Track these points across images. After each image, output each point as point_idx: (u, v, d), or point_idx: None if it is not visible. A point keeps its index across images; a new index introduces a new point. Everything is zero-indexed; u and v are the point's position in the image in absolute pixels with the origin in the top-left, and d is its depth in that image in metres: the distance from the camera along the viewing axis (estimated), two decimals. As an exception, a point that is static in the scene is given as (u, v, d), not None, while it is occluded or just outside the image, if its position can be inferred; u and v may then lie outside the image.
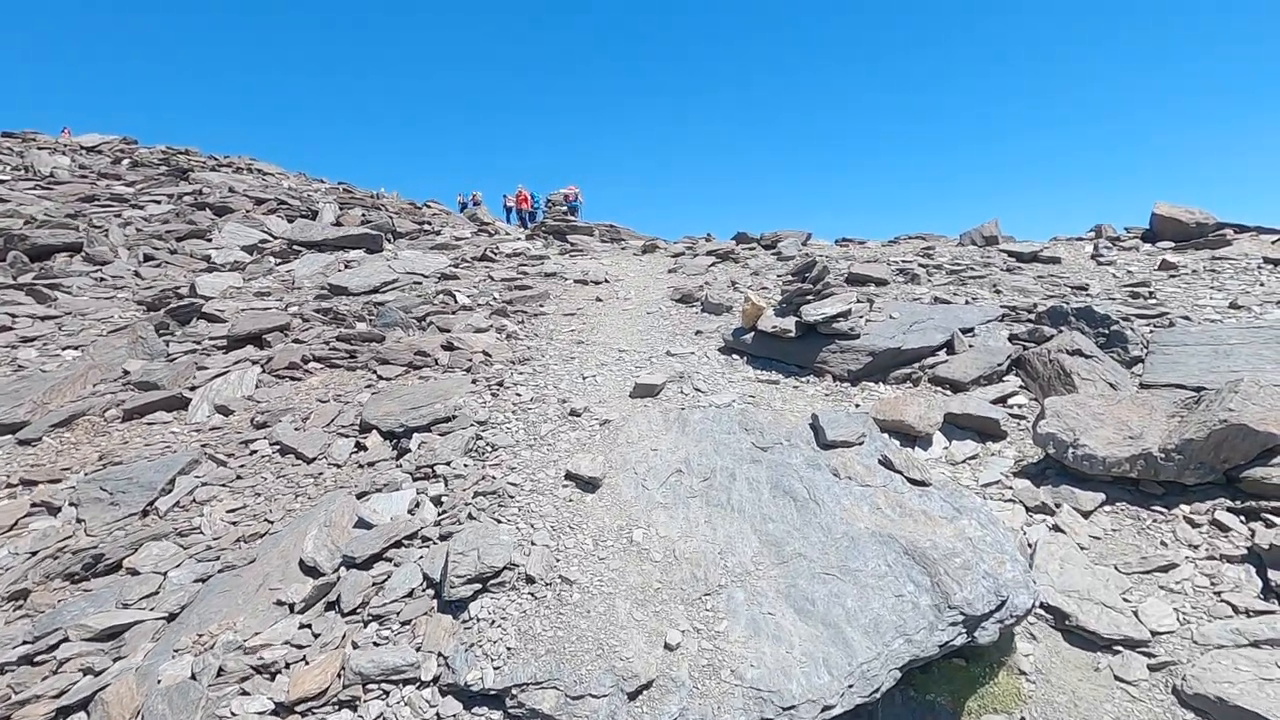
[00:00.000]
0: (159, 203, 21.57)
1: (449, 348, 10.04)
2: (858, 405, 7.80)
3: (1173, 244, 14.57)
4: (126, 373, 10.16)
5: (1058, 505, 5.88)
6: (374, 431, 7.64)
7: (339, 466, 7.18)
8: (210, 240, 18.49)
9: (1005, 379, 8.16)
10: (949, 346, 8.84)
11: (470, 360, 9.56)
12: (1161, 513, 5.70)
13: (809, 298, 9.11)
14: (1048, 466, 6.45)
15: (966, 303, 10.47)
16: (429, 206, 27.80)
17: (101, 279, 15.05)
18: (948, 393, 8.03)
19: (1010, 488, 6.25)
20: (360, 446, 7.46)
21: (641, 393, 7.96)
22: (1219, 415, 5.67)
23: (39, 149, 25.07)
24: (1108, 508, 5.88)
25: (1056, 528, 5.66)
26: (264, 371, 9.68)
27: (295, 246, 16.67)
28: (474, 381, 8.60)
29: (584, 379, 8.63)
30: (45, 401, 9.03)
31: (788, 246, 17.51)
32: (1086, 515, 5.80)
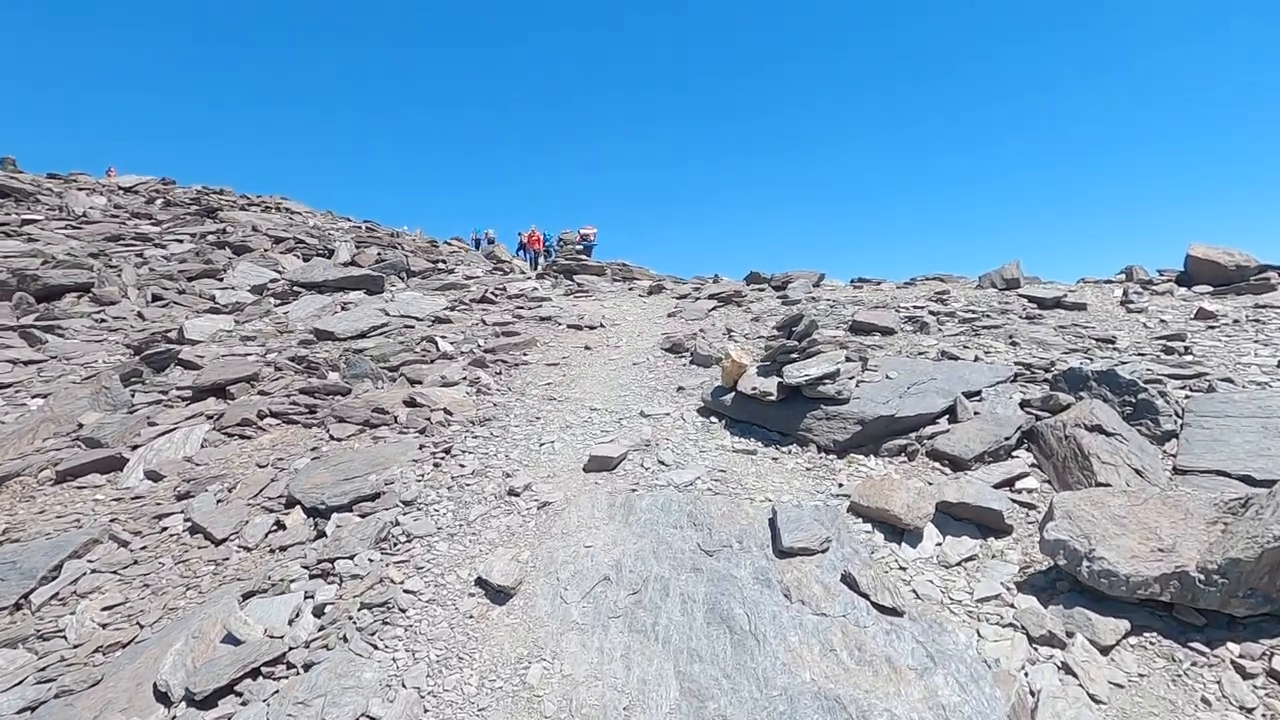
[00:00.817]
0: (181, 242, 21.25)
1: (411, 404, 9.06)
2: (840, 486, 6.55)
3: (1210, 289, 13.00)
4: (80, 426, 9.40)
5: (1069, 635, 4.56)
6: (298, 507, 6.65)
7: (248, 550, 6.18)
8: (222, 280, 17.99)
9: (1014, 455, 6.84)
10: (951, 413, 7.56)
11: (429, 419, 8.56)
12: (1203, 653, 4.36)
13: (793, 355, 7.92)
14: (1059, 577, 5.14)
15: (976, 359, 9.15)
16: (448, 244, 27.23)
17: (102, 320, 14.51)
18: (946, 470, 6.74)
19: (1012, 605, 4.94)
20: (280, 525, 6.46)
21: (596, 466, 6.84)
22: (1273, 529, 4.35)
23: (78, 190, 25.12)
24: (1133, 640, 4.55)
25: (1067, 668, 4.34)
26: (215, 428, 8.81)
27: (296, 287, 16.00)
28: (421, 447, 7.57)
29: (540, 446, 7.54)
30: (-20, 460, 8.26)
31: (797, 289, 16.31)
32: (1105, 651, 4.48)
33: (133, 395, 10.18)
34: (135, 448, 8.36)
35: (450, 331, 12.80)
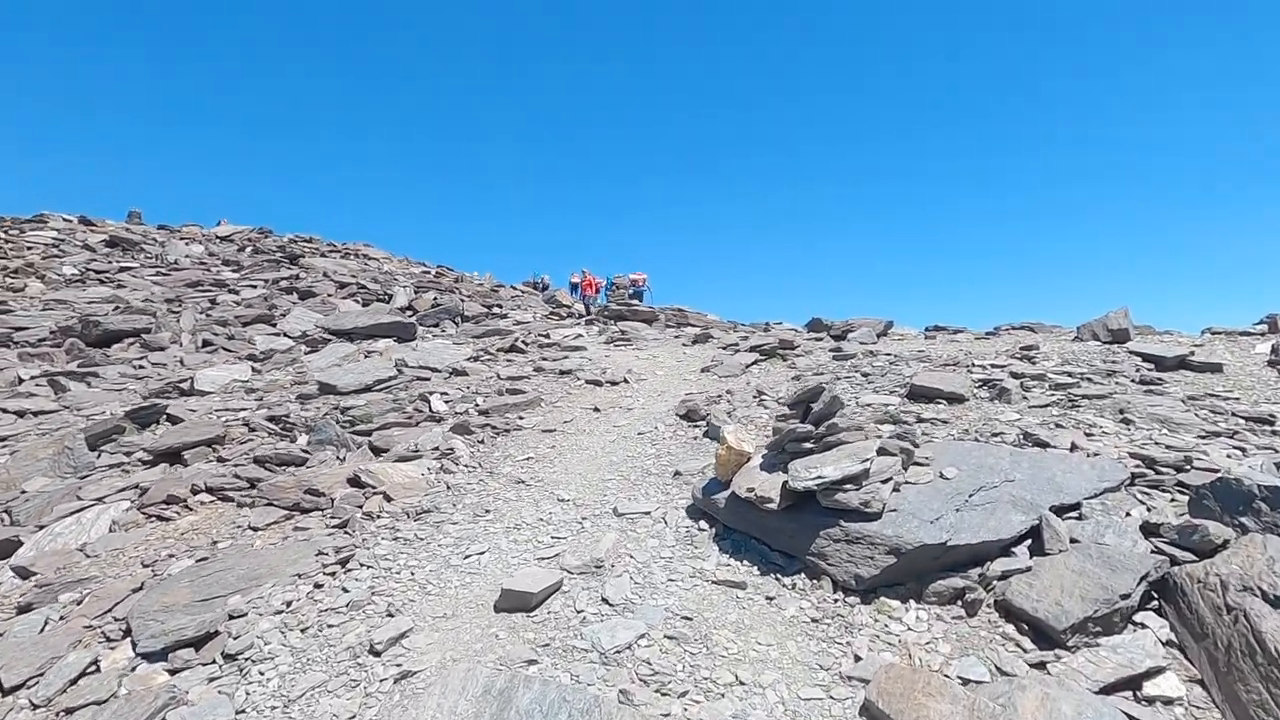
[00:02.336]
0: (255, 287, 20.73)
1: (355, 483, 7.17)
2: (857, 661, 4.09)
3: (1393, 346, 9.56)
4: (24, 493, 8.07)
5: None
6: (127, 640, 4.80)
7: (33, 709, 4.36)
8: (274, 325, 17.06)
9: (1137, 624, 4.18)
10: (1035, 537, 4.94)
11: (360, 507, 6.63)
12: None
13: (806, 445, 5.50)
14: None
15: (1073, 446, 6.38)
16: (512, 288, 25.92)
17: (141, 367, 13.60)
18: (1025, 642, 4.16)
19: None
20: (95, 667, 4.63)
21: (511, 604, 4.64)
22: None
23: (180, 239, 25.42)
24: None
25: None
26: (137, 505, 7.21)
27: (328, 334, 14.72)
28: (320, 553, 5.60)
29: (464, 559, 5.40)
30: None
31: (856, 340, 13.64)
32: None
33: (98, 457, 8.83)
34: (42, 527, 6.86)
35: (456, 387, 10.98)
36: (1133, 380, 8.89)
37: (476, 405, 9.85)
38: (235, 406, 10.48)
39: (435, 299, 20.41)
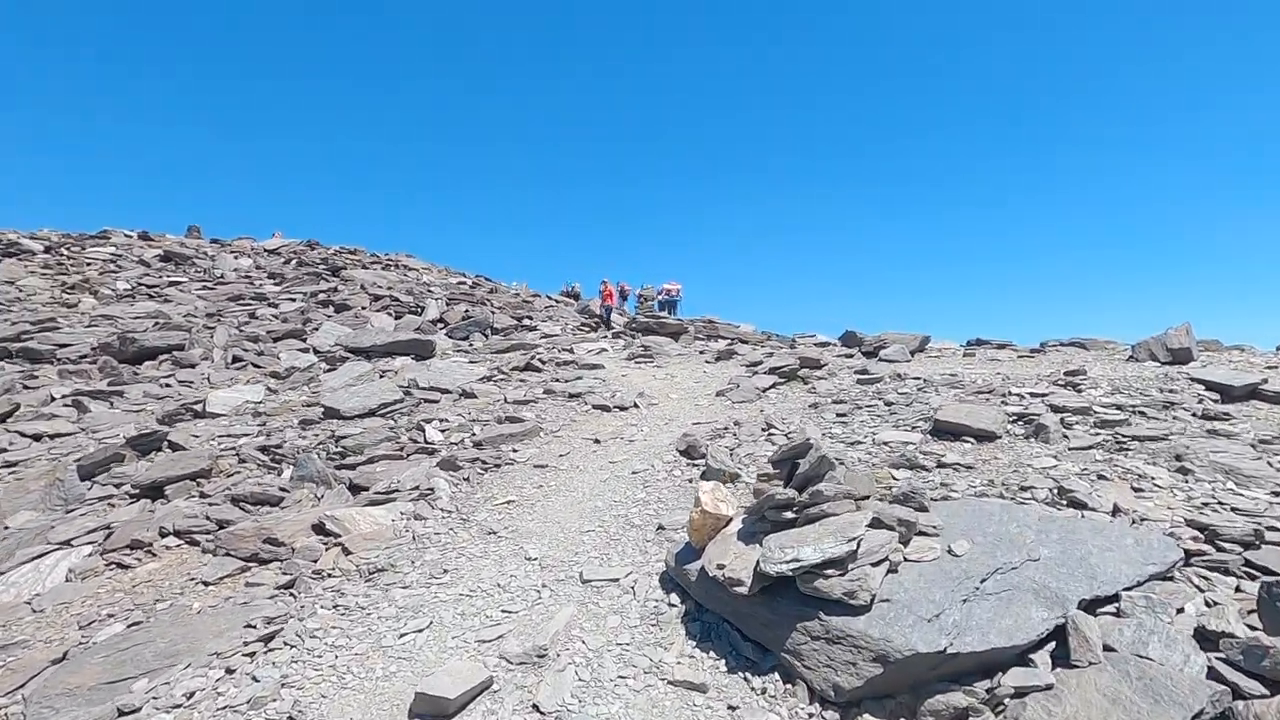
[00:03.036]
0: (293, 300, 20.71)
1: (320, 530, 6.59)
2: (820, 812, 3.25)
3: None
4: (6, 528, 7.81)
5: None
6: (23, 728, 4.29)
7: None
8: (305, 340, 16.88)
9: (1188, 778, 3.22)
10: (1060, 640, 3.97)
11: (316, 559, 6.05)
12: None
13: (787, 514, 4.62)
14: None
15: (1116, 510, 5.31)
16: (548, 298, 25.42)
17: (167, 385, 13.49)
18: (1039, 794, 3.24)
19: None
20: (-18, 761, 4.13)
21: (425, 710, 3.91)
22: None
23: (230, 253, 25.77)
24: None
25: None
26: (100, 550, 6.80)
27: (347, 353, 14.38)
28: (248, 625, 5.01)
29: (400, 638, 4.70)
30: None
31: (888, 356, 12.53)
32: None
33: (90, 488, 8.55)
34: (2, 574, 6.50)
35: (460, 412, 10.39)
36: (1194, 415, 7.65)
37: (473, 435, 9.22)
38: (238, 432, 10.13)
39: (466, 311, 20.01)
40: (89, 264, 22.68)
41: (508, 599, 5.15)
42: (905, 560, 4.47)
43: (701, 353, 15.39)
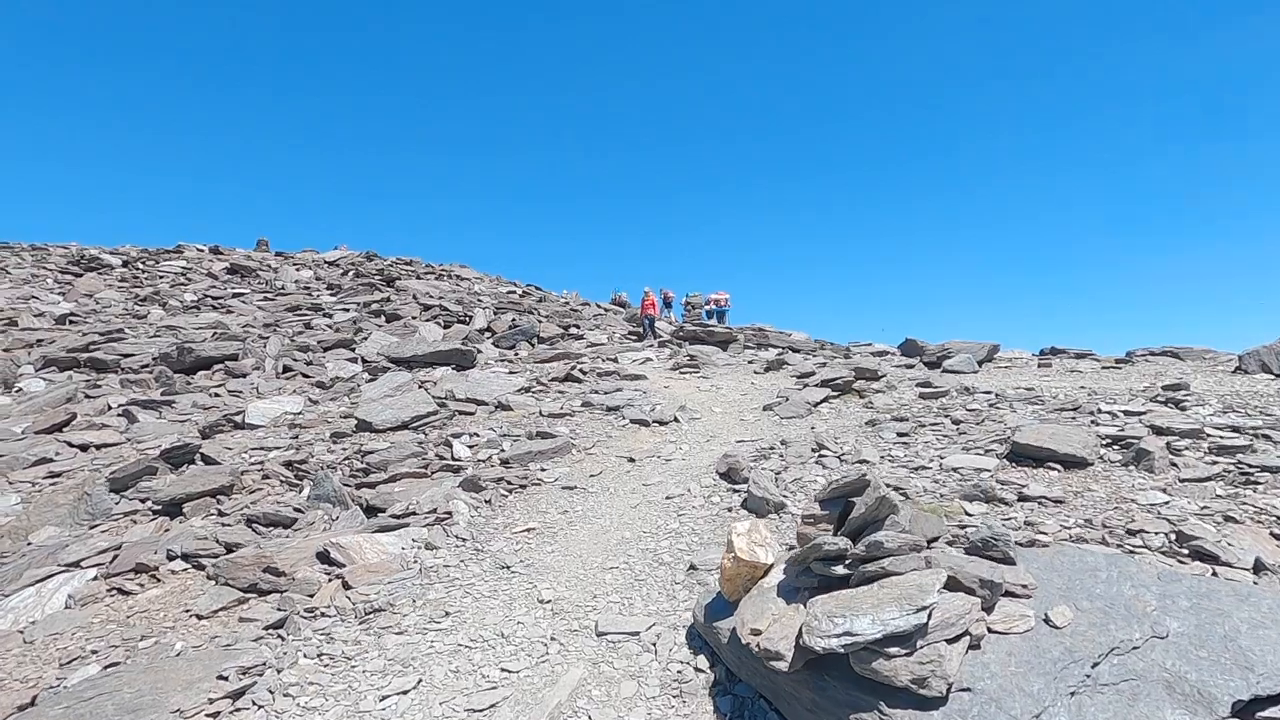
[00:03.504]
0: (347, 310, 20.71)
1: (324, 558, 6.01)
2: None
3: None
4: (29, 544, 7.54)
5: None
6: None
7: None
8: (353, 350, 16.69)
9: None
10: (1207, 755, 2.97)
11: (312, 594, 5.43)
12: None
13: (838, 569, 3.70)
14: None
15: (1257, 567, 4.18)
16: (597, 306, 24.82)
17: (216, 395, 13.40)
18: None
19: None
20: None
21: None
22: None
23: (292, 265, 26.18)
24: None
25: None
26: (103, 574, 6.39)
27: (389, 363, 14.02)
28: (220, 677, 4.39)
29: (381, 701, 3.94)
30: None
31: (954, 367, 11.32)
32: None
33: (117, 502, 8.26)
34: (6, 597, 6.15)
35: (493, 425, 9.76)
36: (1336, 440, 6.31)
37: (502, 451, 8.56)
38: (270, 444, 9.76)
39: (513, 320, 19.59)
40: (161, 277, 23.32)
41: (510, 653, 4.39)
42: (990, 632, 3.49)
43: (750, 362, 14.43)
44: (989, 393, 8.95)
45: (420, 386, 12.44)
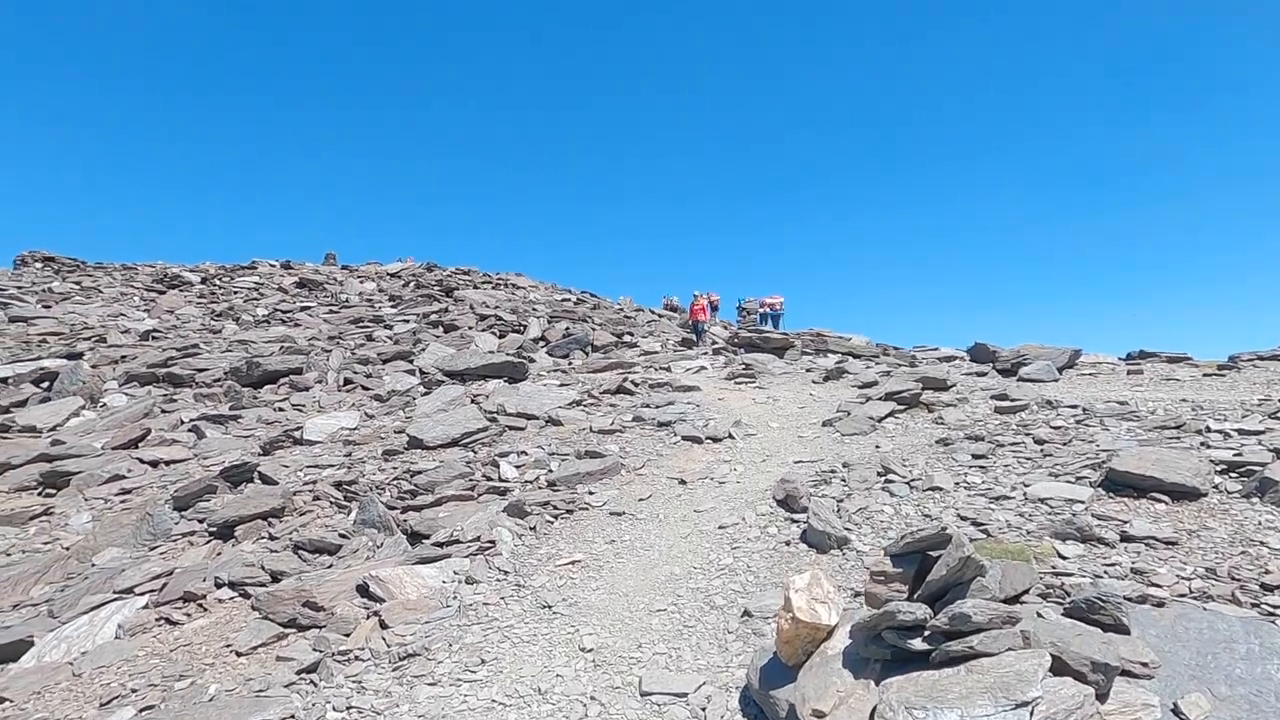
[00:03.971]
0: (406, 322, 20.90)
1: (364, 592, 5.74)
2: None
3: None
4: (93, 565, 7.60)
5: None
6: None
7: None
8: (411, 362, 16.75)
9: None
10: None
11: (348, 633, 5.16)
12: None
13: (915, 643, 3.12)
14: None
15: None
16: (651, 312, 24.40)
17: (280, 409, 13.57)
18: None
19: None
20: None
21: None
22: None
23: (356, 278, 26.72)
24: None
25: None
26: (152, 603, 6.30)
27: (444, 376, 13.92)
28: (249, 728, 4.14)
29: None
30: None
31: (1031, 375, 10.38)
32: None
33: (177, 523, 8.29)
34: (65, 623, 6.13)
35: (542, 443, 9.42)
36: None
37: (549, 471, 8.20)
38: (324, 462, 9.69)
39: (567, 329, 19.36)
40: (235, 293, 24.13)
41: (546, 713, 3.97)
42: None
43: (808, 370, 13.71)
44: (1075, 407, 8.05)
45: (472, 401, 12.26)
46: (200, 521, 8.07)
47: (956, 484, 6.32)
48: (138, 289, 23.82)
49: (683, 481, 7.66)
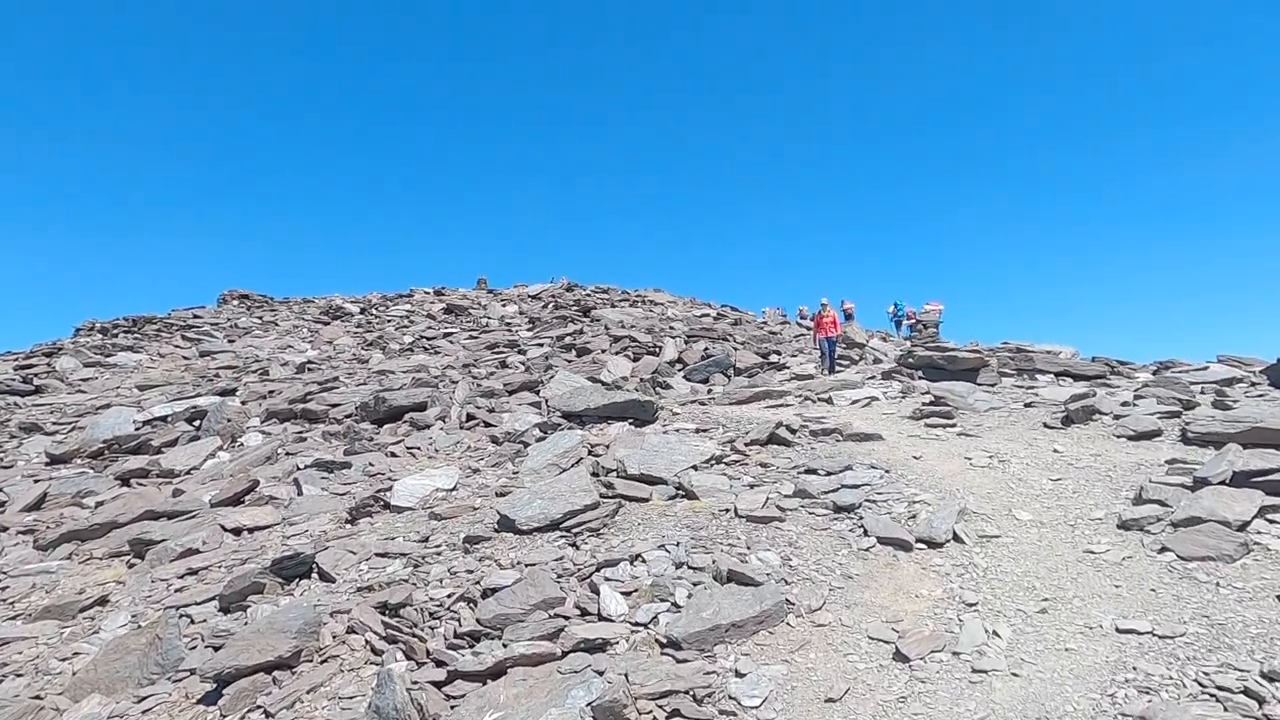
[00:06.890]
0: (540, 345, 18.60)
1: None
2: None
3: None
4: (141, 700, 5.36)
5: None
6: None
7: None
8: (537, 393, 14.22)
9: None
10: None
11: None
12: None
13: None
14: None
15: None
16: (797, 324, 20.27)
17: (393, 454, 11.46)
18: None
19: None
20: None
21: None
22: None
23: (499, 301, 25.15)
24: None
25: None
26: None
27: (560, 417, 11.07)
28: None
29: None
30: None
31: None
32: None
33: (192, 647, 5.93)
34: None
35: (663, 537, 6.07)
36: None
37: (673, 609, 4.84)
38: (394, 550, 7.05)
39: (706, 349, 16.00)
40: (388, 321, 23.34)
41: None
42: None
43: (1028, 406, 9.21)
44: None
45: (590, 452, 9.25)
46: (215, 649, 5.63)
47: None
48: (307, 321, 23.78)
49: (899, 655, 3.96)
